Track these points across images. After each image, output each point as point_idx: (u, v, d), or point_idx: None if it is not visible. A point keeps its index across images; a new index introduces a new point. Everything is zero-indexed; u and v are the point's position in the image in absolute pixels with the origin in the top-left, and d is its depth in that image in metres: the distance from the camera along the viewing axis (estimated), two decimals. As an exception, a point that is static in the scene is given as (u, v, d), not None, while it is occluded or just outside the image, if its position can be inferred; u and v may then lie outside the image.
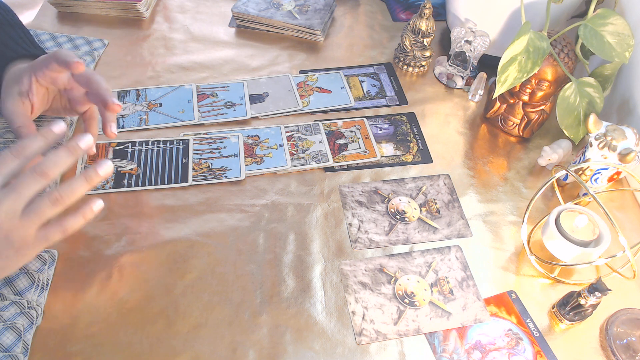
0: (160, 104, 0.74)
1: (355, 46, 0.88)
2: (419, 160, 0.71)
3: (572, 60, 0.68)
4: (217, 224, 0.62)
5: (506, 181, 0.70)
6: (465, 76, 0.81)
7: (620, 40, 0.65)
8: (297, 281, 0.58)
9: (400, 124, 0.76)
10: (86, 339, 0.51)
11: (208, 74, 0.80)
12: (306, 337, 0.53)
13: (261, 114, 0.74)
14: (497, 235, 0.64)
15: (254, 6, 0.88)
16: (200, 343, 0.52)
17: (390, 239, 0.62)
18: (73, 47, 0.80)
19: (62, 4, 0.86)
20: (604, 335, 0.56)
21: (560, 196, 0.67)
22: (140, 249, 0.59)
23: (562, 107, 0.67)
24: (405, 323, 0.55)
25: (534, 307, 0.58)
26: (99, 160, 0.47)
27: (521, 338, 0.55)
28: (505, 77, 0.65)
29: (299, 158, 0.69)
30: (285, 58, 0.84)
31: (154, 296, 0.55)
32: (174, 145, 0.69)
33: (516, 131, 0.74)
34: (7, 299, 0.51)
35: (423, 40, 0.81)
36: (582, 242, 0.57)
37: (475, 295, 0.58)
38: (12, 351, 0.48)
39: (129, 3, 0.85)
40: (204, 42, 0.85)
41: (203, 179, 0.66)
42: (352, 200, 0.66)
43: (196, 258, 0.58)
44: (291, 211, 0.64)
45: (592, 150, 0.62)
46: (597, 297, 0.53)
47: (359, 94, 0.80)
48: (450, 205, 0.66)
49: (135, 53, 0.82)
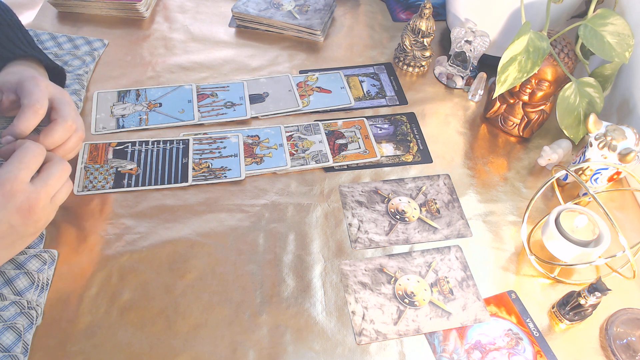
0: (160, 104, 0.74)
1: (355, 46, 0.88)
2: (419, 160, 0.71)
3: (572, 60, 0.68)
4: (217, 224, 0.62)
5: (506, 181, 0.70)
6: (465, 76, 0.81)
7: (620, 40, 0.65)
8: (297, 281, 0.58)
9: (400, 124, 0.76)
10: (86, 339, 0.51)
11: (208, 74, 0.80)
12: (306, 337, 0.53)
13: (261, 114, 0.74)
14: (497, 235, 0.64)
15: (254, 6, 0.88)
16: (200, 343, 0.52)
17: (390, 239, 0.62)
18: (73, 47, 0.80)
19: (62, 4, 0.86)
20: (604, 335, 0.56)
21: (560, 196, 0.67)
22: (140, 249, 0.59)
23: (562, 107, 0.67)
24: (405, 323, 0.55)
25: (534, 307, 0.58)
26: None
27: (521, 338, 0.55)
28: (505, 77, 0.65)
29: (299, 158, 0.69)
30: (285, 58, 0.84)
31: (154, 296, 0.55)
32: (174, 145, 0.69)
33: (516, 131, 0.74)
34: (7, 299, 0.51)
35: (423, 40, 0.81)
36: (582, 242, 0.57)
37: (475, 295, 0.58)
38: (12, 351, 0.48)
39: (129, 3, 0.85)
40: (204, 42, 0.85)
41: (203, 179, 0.66)
42: (352, 200, 0.66)
43: (196, 258, 0.58)
44: (291, 211, 0.64)
45: (592, 150, 0.62)
46: (597, 297, 0.53)
47: (359, 94, 0.80)
48: (450, 205, 0.66)
49: (135, 53, 0.82)
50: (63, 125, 0.55)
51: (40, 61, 0.63)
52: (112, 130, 0.70)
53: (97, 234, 0.59)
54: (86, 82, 0.75)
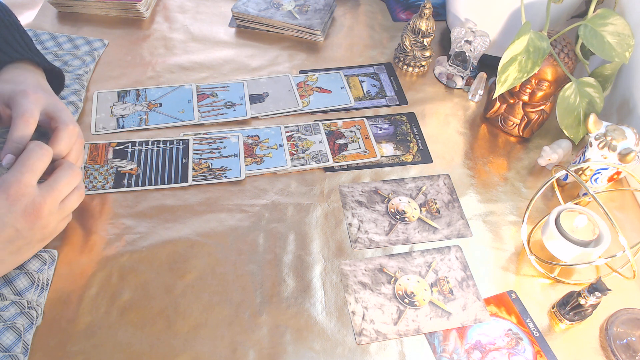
0: (160, 104, 0.74)
1: (355, 46, 0.88)
2: (419, 160, 0.71)
3: (572, 60, 0.68)
4: (217, 224, 0.62)
5: (506, 181, 0.70)
6: (465, 76, 0.81)
7: (620, 40, 0.65)
8: (297, 281, 0.58)
9: (400, 124, 0.76)
10: (86, 339, 0.51)
11: (208, 74, 0.80)
12: (306, 337, 0.53)
13: (261, 114, 0.74)
14: (497, 235, 0.64)
15: (254, 6, 0.88)
16: (200, 343, 0.52)
17: (390, 239, 0.62)
18: (73, 47, 0.80)
19: (62, 4, 0.86)
20: (604, 335, 0.56)
21: (560, 196, 0.67)
22: (140, 249, 0.59)
23: (562, 107, 0.67)
24: (405, 323, 0.55)
25: (534, 307, 0.58)
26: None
27: (521, 338, 0.55)
28: (505, 77, 0.65)
29: (299, 158, 0.69)
30: (285, 58, 0.84)
31: (154, 296, 0.55)
32: (174, 145, 0.69)
33: (516, 131, 0.74)
34: (7, 299, 0.51)
35: (423, 40, 0.81)
36: (582, 242, 0.57)
37: (475, 295, 0.58)
38: (12, 351, 0.48)
39: (129, 3, 0.85)
40: (204, 42, 0.85)
41: (203, 179, 0.66)
42: (352, 200, 0.66)
43: (196, 258, 0.58)
44: (291, 211, 0.64)
45: (592, 150, 0.62)
46: (597, 297, 0.53)
47: (359, 94, 0.80)
48: (450, 205, 0.66)
49: (135, 53, 0.82)
50: (66, 130, 0.54)
51: (37, 63, 0.63)
52: (112, 130, 0.70)
53: (97, 234, 0.59)
54: (86, 82, 0.75)
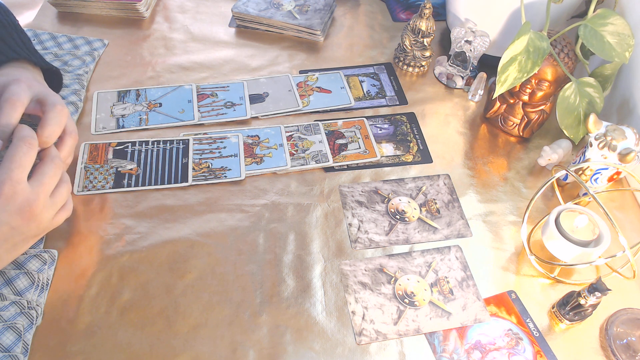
0: (160, 104, 0.74)
1: (355, 46, 0.88)
2: (419, 160, 0.71)
3: (572, 60, 0.68)
4: (217, 224, 0.62)
5: (506, 181, 0.70)
6: (465, 76, 0.81)
7: (620, 40, 0.65)
8: (297, 281, 0.58)
9: (400, 124, 0.76)
10: (86, 339, 0.51)
11: (208, 74, 0.80)
12: (306, 337, 0.53)
13: (261, 114, 0.74)
14: (497, 235, 0.64)
15: (254, 6, 0.88)
16: (200, 343, 0.52)
17: (390, 239, 0.62)
18: (73, 47, 0.80)
19: (62, 4, 0.86)
20: (604, 335, 0.56)
21: (560, 196, 0.67)
22: (140, 249, 0.59)
23: (562, 107, 0.67)
24: (405, 323, 0.55)
25: (534, 307, 0.58)
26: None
27: (521, 338, 0.55)
28: (505, 77, 0.65)
29: (299, 158, 0.69)
30: (285, 58, 0.84)
31: (154, 296, 0.55)
32: (174, 145, 0.69)
33: (516, 131, 0.74)
34: (7, 299, 0.51)
35: (423, 40, 0.81)
36: (582, 242, 0.57)
37: (475, 295, 0.58)
38: (12, 351, 0.48)
39: (129, 3, 0.85)
40: (204, 42, 0.85)
41: (203, 179, 0.66)
42: (352, 200, 0.66)
43: (196, 258, 0.58)
44: (291, 211, 0.64)
45: (592, 150, 0.62)
46: (597, 297, 0.53)
47: (359, 94, 0.80)
48: (450, 205, 0.66)
49: (135, 53, 0.82)
50: (53, 111, 0.53)
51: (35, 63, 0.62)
52: (112, 130, 0.70)
53: (97, 234, 0.59)
54: (86, 82, 0.75)
